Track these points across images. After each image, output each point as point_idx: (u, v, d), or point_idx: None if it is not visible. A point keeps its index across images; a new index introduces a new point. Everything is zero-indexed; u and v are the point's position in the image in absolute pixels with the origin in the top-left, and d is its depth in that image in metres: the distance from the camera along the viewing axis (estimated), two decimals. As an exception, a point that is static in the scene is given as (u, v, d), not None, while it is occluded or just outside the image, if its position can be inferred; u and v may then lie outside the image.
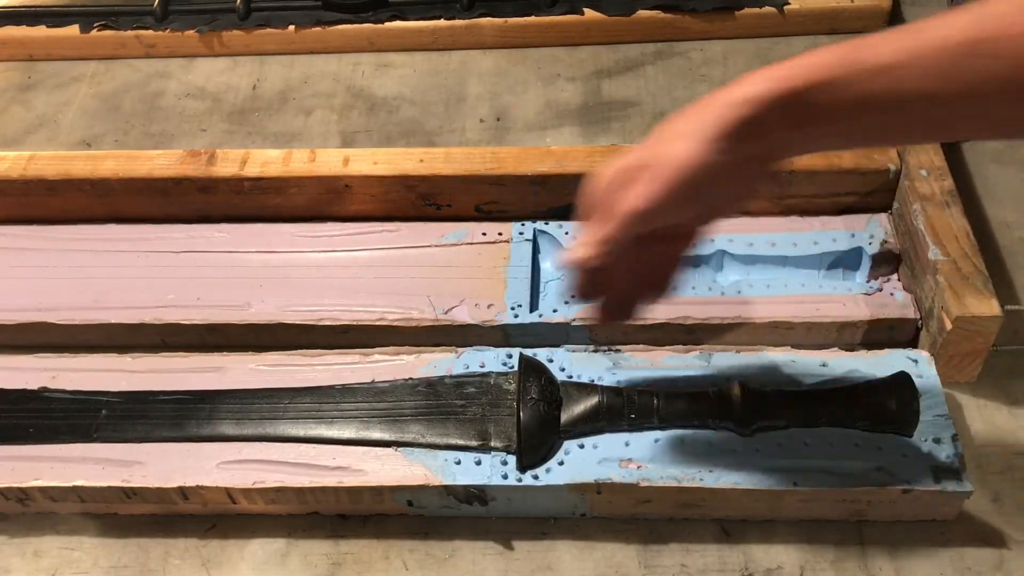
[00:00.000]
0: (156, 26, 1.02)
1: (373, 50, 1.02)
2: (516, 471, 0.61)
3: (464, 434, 0.62)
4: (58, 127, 0.97)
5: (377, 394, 0.65)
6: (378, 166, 0.76)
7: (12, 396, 0.67)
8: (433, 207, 0.78)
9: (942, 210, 0.70)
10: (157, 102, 0.99)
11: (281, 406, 0.65)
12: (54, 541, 0.65)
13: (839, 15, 0.98)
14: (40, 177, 0.78)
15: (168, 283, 0.74)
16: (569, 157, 0.76)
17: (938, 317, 0.65)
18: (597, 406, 0.62)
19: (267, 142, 0.93)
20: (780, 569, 0.61)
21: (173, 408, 0.66)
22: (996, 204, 0.82)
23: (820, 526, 0.62)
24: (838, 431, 0.61)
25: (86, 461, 0.63)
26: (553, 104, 0.94)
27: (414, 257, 0.75)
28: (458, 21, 1.00)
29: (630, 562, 0.62)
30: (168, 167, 0.77)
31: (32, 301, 0.74)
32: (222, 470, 0.62)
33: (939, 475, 0.59)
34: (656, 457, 0.61)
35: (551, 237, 0.75)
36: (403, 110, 0.95)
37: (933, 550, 0.61)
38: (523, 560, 0.62)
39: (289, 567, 0.63)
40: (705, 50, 0.99)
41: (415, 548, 0.63)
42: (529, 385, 0.62)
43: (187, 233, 0.78)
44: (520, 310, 0.70)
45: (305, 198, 0.78)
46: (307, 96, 0.98)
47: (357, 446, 0.63)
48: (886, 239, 0.73)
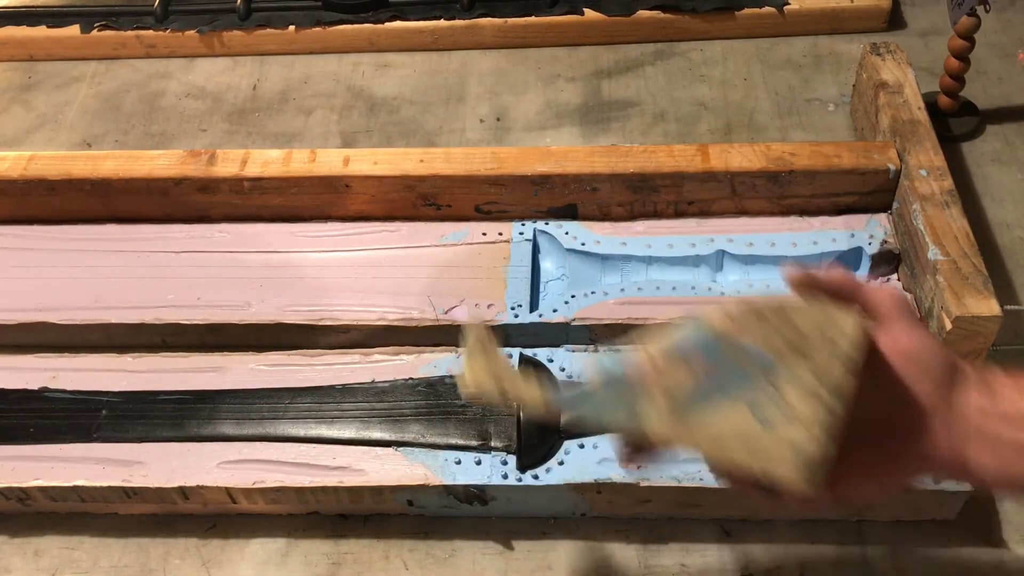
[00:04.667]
0: (156, 26, 1.02)
1: (373, 50, 1.02)
2: (516, 471, 0.61)
3: (464, 434, 0.62)
4: (58, 127, 0.97)
5: (377, 394, 0.65)
6: (378, 166, 0.76)
7: (12, 396, 0.68)
8: (433, 207, 0.78)
9: (942, 210, 0.70)
10: (157, 102, 0.99)
11: (281, 406, 0.65)
12: (54, 541, 0.65)
13: (839, 15, 0.98)
14: (40, 177, 0.78)
15: (168, 283, 0.75)
16: (569, 157, 0.76)
17: (938, 317, 0.65)
18: (597, 406, 0.62)
19: (267, 142, 0.93)
20: (780, 569, 0.61)
21: (173, 408, 0.66)
22: (996, 204, 0.82)
23: (820, 526, 0.62)
24: (838, 431, 0.61)
25: (86, 461, 0.63)
26: (553, 104, 0.94)
27: (414, 257, 0.75)
28: (458, 21, 1.00)
29: (630, 562, 0.62)
30: (168, 167, 0.77)
31: (32, 301, 0.74)
32: (222, 470, 0.62)
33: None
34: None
35: (551, 237, 0.75)
36: (403, 110, 0.96)
37: (933, 550, 0.61)
38: (523, 560, 0.62)
39: (289, 567, 0.63)
40: (705, 50, 0.99)
41: (415, 548, 0.63)
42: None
43: (187, 233, 0.78)
44: (520, 310, 0.70)
45: (305, 198, 0.78)
46: (307, 96, 0.98)
47: (357, 446, 0.63)
48: (886, 239, 0.73)
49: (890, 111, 0.78)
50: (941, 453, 0.45)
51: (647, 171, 0.74)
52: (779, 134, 0.89)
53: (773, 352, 0.44)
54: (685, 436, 0.44)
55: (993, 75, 0.93)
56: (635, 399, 0.46)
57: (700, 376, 0.45)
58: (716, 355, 0.45)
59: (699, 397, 0.44)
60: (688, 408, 0.44)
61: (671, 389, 0.45)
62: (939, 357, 0.45)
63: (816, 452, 0.41)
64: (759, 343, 0.44)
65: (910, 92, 0.79)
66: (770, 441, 0.42)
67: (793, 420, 0.42)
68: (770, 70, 0.96)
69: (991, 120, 0.89)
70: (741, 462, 0.43)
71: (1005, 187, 0.83)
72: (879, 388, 0.45)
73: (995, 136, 0.88)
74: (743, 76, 0.96)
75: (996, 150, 0.86)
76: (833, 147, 0.75)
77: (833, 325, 0.44)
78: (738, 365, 0.44)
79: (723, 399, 0.44)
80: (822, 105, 0.92)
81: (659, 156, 0.75)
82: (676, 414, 0.45)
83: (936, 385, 0.45)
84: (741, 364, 0.44)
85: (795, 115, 0.91)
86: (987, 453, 0.44)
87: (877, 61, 0.82)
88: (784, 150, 0.75)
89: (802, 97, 0.93)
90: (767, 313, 0.46)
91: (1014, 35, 0.98)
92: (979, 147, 0.87)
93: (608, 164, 0.75)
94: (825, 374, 0.43)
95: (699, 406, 0.44)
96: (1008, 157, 0.86)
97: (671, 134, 0.90)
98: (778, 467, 0.42)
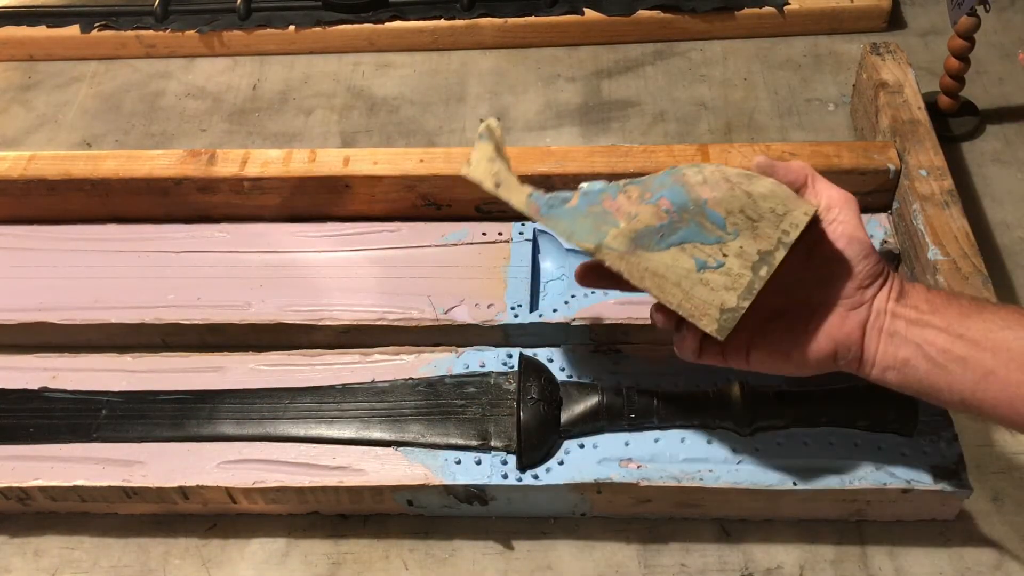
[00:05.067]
0: (156, 26, 1.02)
1: (373, 50, 1.02)
2: (516, 471, 0.61)
3: (464, 434, 0.62)
4: (58, 127, 0.97)
5: (377, 394, 0.65)
6: (378, 166, 0.76)
7: (12, 396, 0.68)
8: (433, 207, 0.78)
9: (942, 210, 0.70)
10: (157, 102, 0.99)
11: (281, 406, 0.65)
12: (54, 541, 0.65)
13: (839, 15, 0.98)
14: (40, 177, 0.78)
15: (168, 283, 0.75)
16: (569, 157, 0.76)
17: (938, 317, 0.65)
18: (597, 406, 0.62)
19: (267, 142, 0.93)
20: (780, 569, 0.61)
21: (173, 408, 0.66)
22: (996, 204, 0.82)
23: (820, 526, 0.63)
24: (838, 431, 0.61)
25: (86, 461, 0.63)
26: (553, 104, 0.94)
27: (414, 257, 0.75)
28: (458, 21, 1.00)
29: (630, 562, 0.62)
30: (168, 167, 0.77)
31: (32, 301, 0.74)
32: (222, 470, 0.62)
33: (939, 475, 0.59)
34: (656, 457, 0.61)
35: (551, 237, 0.75)
36: (403, 110, 0.96)
37: (933, 550, 0.61)
38: (523, 560, 0.62)
39: (289, 567, 0.63)
40: (705, 50, 0.99)
41: (415, 548, 0.63)
42: (529, 385, 0.63)
43: (187, 233, 0.78)
44: (520, 310, 0.70)
45: (305, 198, 0.78)
46: (307, 96, 0.98)
47: (357, 446, 0.63)
48: (886, 239, 0.73)
49: (890, 111, 0.78)
50: (845, 339, 0.52)
51: (647, 171, 0.74)
52: (779, 134, 0.89)
53: (729, 217, 0.51)
54: (634, 269, 0.52)
55: (993, 75, 0.93)
56: (602, 220, 0.53)
57: (662, 219, 0.52)
58: (681, 205, 0.52)
59: (656, 238, 0.52)
60: (643, 245, 0.52)
61: (635, 222, 0.53)
62: (870, 256, 0.53)
63: (737, 315, 0.51)
64: (720, 205, 0.52)
65: (910, 92, 0.79)
66: (703, 294, 0.51)
67: (728, 283, 0.51)
68: (770, 70, 0.96)
69: (991, 120, 0.89)
70: (674, 304, 0.52)
71: (1005, 187, 0.83)
72: (809, 267, 0.53)
73: (995, 136, 0.88)
74: (743, 76, 0.96)
75: (996, 150, 0.86)
76: (833, 147, 0.75)
77: (784, 206, 0.51)
78: (696, 220, 0.52)
79: (675, 246, 0.52)
80: (822, 105, 0.92)
81: (659, 156, 0.75)
82: (632, 246, 0.52)
83: (859, 279, 0.52)
84: (699, 220, 0.52)
85: (795, 115, 0.91)
86: (887, 347, 0.52)
87: (877, 61, 0.82)
88: (784, 150, 0.75)
89: (802, 97, 0.93)
90: (734, 179, 0.52)
91: (1014, 35, 0.98)
92: (979, 147, 0.87)
93: (608, 164, 0.75)
94: (766, 249, 0.51)
95: (653, 245, 0.52)
96: (1008, 157, 0.86)
97: (671, 134, 0.90)
98: (702, 318, 0.51)
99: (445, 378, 0.66)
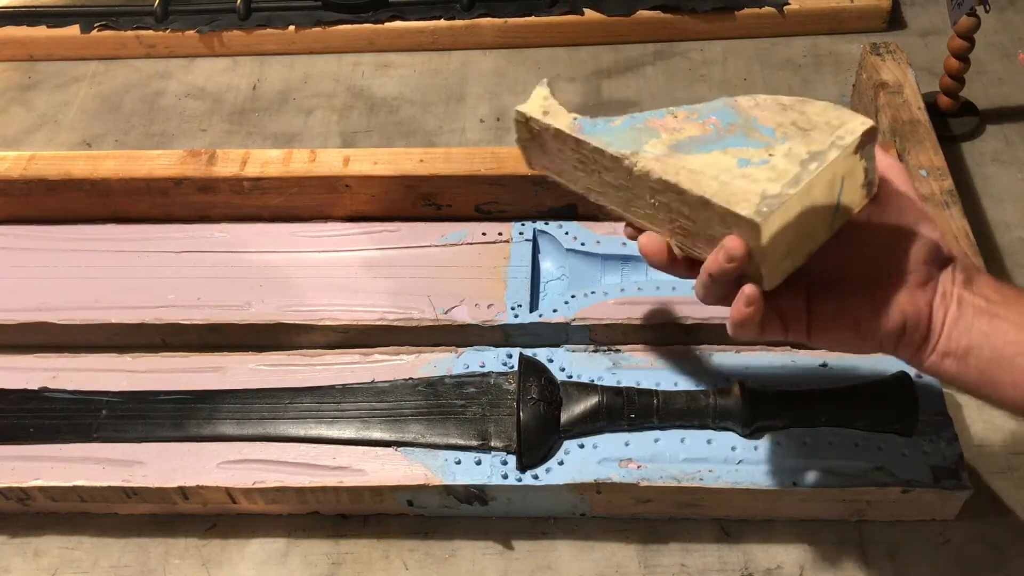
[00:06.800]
0: (156, 26, 1.02)
1: (373, 50, 1.02)
2: (516, 471, 0.61)
3: (464, 434, 0.62)
4: (58, 127, 0.97)
5: (377, 394, 0.65)
6: (378, 166, 0.76)
7: (12, 396, 0.68)
8: (433, 207, 0.78)
9: (942, 210, 0.70)
10: (157, 102, 0.99)
11: (281, 406, 0.65)
12: (54, 541, 0.65)
13: (839, 15, 0.98)
14: (40, 177, 0.78)
15: (168, 283, 0.75)
16: (569, 157, 0.75)
17: (938, 317, 0.65)
18: (597, 406, 0.62)
19: (267, 142, 0.93)
20: (780, 569, 0.61)
21: (173, 408, 0.66)
22: (996, 204, 0.82)
23: (820, 526, 0.62)
24: (838, 431, 0.61)
25: (86, 461, 0.63)
26: (553, 104, 0.94)
27: (414, 257, 0.75)
28: (458, 21, 1.00)
29: (630, 562, 0.62)
30: (168, 167, 0.77)
31: (32, 301, 0.74)
32: (222, 470, 0.62)
33: (939, 475, 0.59)
34: (656, 457, 0.61)
35: (551, 237, 0.75)
36: (403, 110, 0.96)
37: (933, 550, 0.61)
38: (523, 560, 0.62)
39: (289, 567, 0.63)
40: (705, 50, 0.99)
41: (415, 548, 0.63)
42: (529, 385, 0.63)
43: (187, 233, 0.78)
44: (520, 310, 0.70)
45: (305, 198, 0.78)
46: (307, 96, 0.98)
47: (357, 446, 0.63)
48: (886, 239, 0.73)
49: (890, 111, 0.78)
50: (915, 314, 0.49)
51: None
52: (779, 134, 0.89)
53: (778, 128, 0.48)
54: (669, 168, 0.49)
55: (993, 75, 0.93)
56: (644, 134, 0.51)
57: (707, 132, 0.50)
58: (729, 122, 0.50)
59: (698, 144, 0.49)
60: (682, 150, 0.49)
61: (677, 135, 0.50)
62: (927, 223, 0.50)
63: (778, 202, 0.45)
64: (770, 120, 0.49)
65: (910, 92, 0.79)
66: (743, 183, 0.46)
67: (772, 176, 0.46)
68: (770, 70, 0.96)
69: (991, 120, 0.89)
70: (710, 195, 0.46)
71: (1005, 187, 0.83)
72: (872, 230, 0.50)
73: (995, 136, 0.88)
74: (743, 76, 0.96)
75: (996, 150, 0.87)
76: (833, 147, 0.75)
77: (840, 119, 0.49)
78: (743, 131, 0.49)
79: (717, 150, 0.48)
80: (822, 105, 0.92)
81: (659, 156, 0.75)
82: (670, 152, 0.49)
83: (924, 252, 0.50)
84: (746, 131, 0.49)
85: (795, 115, 0.91)
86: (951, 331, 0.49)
87: (877, 61, 0.82)
88: (784, 150, 0.75)
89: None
90: (787, 102, 0.50)
91: (1014, 35, 0.98)
92: (979, 147, 0.87)
93: (608, 164, 0.75)
94: (817, 149, 0.47)
95: (694, 150, 0.49)
96: (1008, 157, 0.86)
97: (671, 134, 0.90)
98: (739, 204, 0.45)
99: (445, 378, 0.66)
